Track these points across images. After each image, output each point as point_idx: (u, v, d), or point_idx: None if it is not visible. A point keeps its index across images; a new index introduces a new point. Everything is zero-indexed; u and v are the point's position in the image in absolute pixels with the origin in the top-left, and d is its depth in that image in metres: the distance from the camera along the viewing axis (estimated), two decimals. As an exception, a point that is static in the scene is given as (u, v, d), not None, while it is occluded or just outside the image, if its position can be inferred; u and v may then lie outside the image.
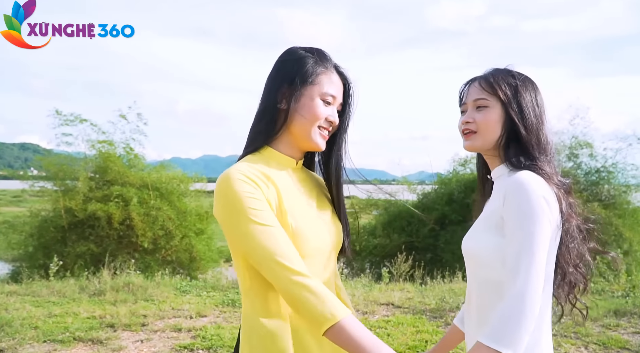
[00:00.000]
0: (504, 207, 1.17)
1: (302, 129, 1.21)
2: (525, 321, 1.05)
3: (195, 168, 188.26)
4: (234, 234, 1.11)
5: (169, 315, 4.94)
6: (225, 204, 1.11)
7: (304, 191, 1.27)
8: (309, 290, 1.04)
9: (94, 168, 9.81)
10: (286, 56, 1.25)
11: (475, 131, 1.29)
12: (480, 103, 1.29)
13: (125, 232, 9.09)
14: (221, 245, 12.95)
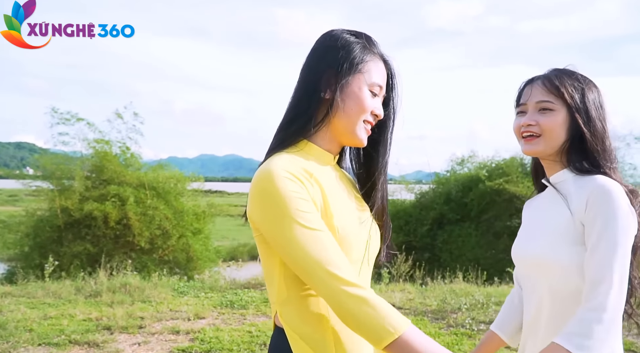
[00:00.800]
0: (587, 213, 1.14)
1: (347, 122, 1.07)
2: (605, 329, 1.05)
3: (192, 168, 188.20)
4: (276, 239, 0.98)
5: (167, 317, 4.86)
6: (266, 205, 0.97)
7: (345, 191, 1.13)
8: (366, 303, 0.93)
9: (90, 168, 9.77)
10: (331, 40, 1.09)
11: (538, 135, 1.24)
12: (544, 106, 1.23)
13: (121, 232, 9.04)
14: (218, 244, 12.88)
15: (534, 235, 1.27)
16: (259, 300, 5.66)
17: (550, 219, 1.24)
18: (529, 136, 1.25)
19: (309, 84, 1.08)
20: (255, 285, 6.49)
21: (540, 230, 1.25)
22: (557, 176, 1.27)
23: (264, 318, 5.01)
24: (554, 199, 1.25)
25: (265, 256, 1.05)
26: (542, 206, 1.31)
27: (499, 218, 11.40)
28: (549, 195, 1.29)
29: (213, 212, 11.10)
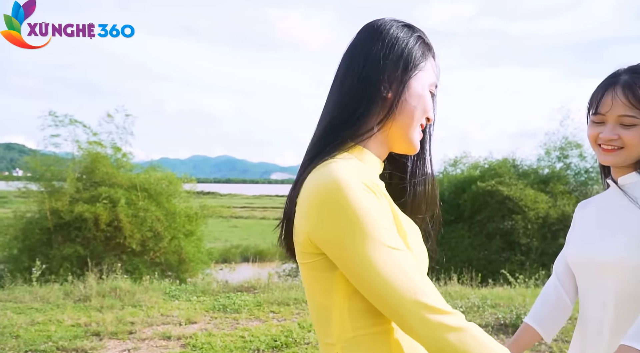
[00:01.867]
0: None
1: (406, 125, 0.92)
2: None
3: (184, 169, 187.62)
4: (350, 262, 0.79)
5: (158, 322, 4.77)
6: (338, 221, 0.79)
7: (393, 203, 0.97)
8: (467, 333, 0.78)
9: (81, 169, 9.64)
10: (389, 33, 0.93)
11: (620, 147, 1.21)
12: (628, 121, 1.20)
13: (112, 234, 8.94)
14: (211, 246, 12.78)
15: (601, 236, 1.24)
16: (252, 303, 5.57)
17: (619, 220, 1.22)
18: (611, 149, 1.23)
19: (368, 80, 0.90)
20: (248, 288, 6.40)
21: (608, 231, 1.23)
22: (625, 178, 1.25)
23: (257, 322, 4.93)
24: (621, 201, 1.24)
25: (320, 288, 0.85)
26: (607, 207, 1.29)
27: (491, 219, 11.40)
28: (613, 196, 1.27)
29: (205, 214, 11.03)
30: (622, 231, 1.19)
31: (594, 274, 1.23)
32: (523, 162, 12.36)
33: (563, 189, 11.41)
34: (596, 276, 1.22)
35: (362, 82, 0.91)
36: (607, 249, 1.20)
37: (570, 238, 1.36)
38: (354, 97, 0.90)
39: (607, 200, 1.30)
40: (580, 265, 1.27)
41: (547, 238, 10.83)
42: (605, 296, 1.21)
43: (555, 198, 11.21)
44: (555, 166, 11.95)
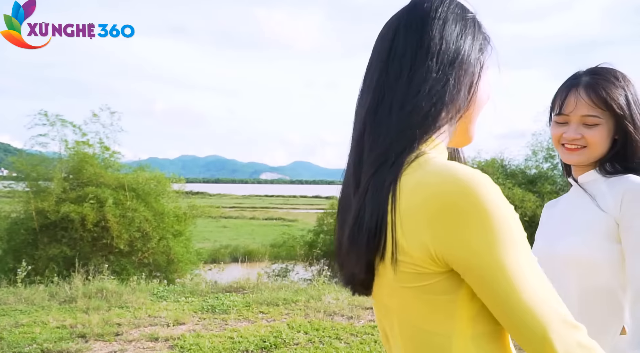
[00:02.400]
0: (622, 213, 1.17)
1: (474, 116, 0.82)
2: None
3: (172, 169, 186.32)
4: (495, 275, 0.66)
5: (145, 323, 4.71)
6: (484, 229, 0.66)
7: None
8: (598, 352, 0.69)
9: (68, 169, 9.53)
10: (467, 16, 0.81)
11: (583, 146, 1.25)
12: (591, 121, 1.23)
13: (99, 234, 8.84)
14: (199, 246, 12.70)
15: (563, 233, 1.27)
16: (241, 304, 5.54)
17: (580, 218, 1.25)
18: (575, 148, 1.26)
19: (461, 69, 0.76)
20: (237, 289, 6.36)
21: (570, 228, 1.26)
22: (585, 176, 1.29)
23: (246, 323, 4.89)
24: (582, 198, 1.27)
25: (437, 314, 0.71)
26: (569, 205, 1.32)
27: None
28: (576, 195, 1.31)
29: (194, 214, 10.98)
30: (582, 228, 1.23)
31: (558, 269, 1.24)
32: (511, 162, 12.47)
33: (550, 189, 11.52)
34: (560, 271, 1.24)
35: (454, 70, 0.76)
36: (568, 245, 1.23)
37: (537, 236, 1.40)
38: (444, 87, 0.75)
39: (570, 198, 1.34)
40: (545, 261, 1.29)
41: (534, 237, 10.94)
42: (569, 293, 1.21)
43: (543, 198, 11.31)
44: (542, 166, 12.06)
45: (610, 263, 1.17)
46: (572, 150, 1.26)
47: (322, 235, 12.00)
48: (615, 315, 1.18)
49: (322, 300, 5.68)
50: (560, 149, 1.29)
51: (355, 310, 5.27)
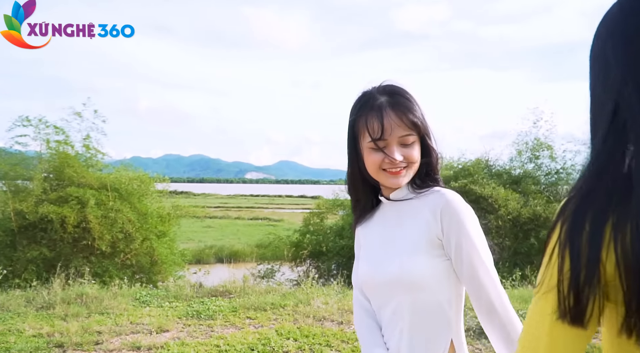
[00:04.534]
0: (447, 230, 1.19)
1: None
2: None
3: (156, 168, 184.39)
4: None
5: (127, 331, 4.51)
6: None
7: None
8: None
9: (49, 169, 9.27)
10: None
11: (405, 167, 1.24)
12: (406, 141, 1.23)
13: (80, 235, 8.61)
14: (184, 246, 12.48)
15: (389, 255, 1.26)
16: (227, 309, 5.36)
17: (403, 237, 1.25)
18: (397, 171, 1.24)
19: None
20: (222, 293, 6.18)
21: (395, 249, 1.25)
22: (397, 193, 1.29)
23: (233, 329, 4.72)
24: (399, 217, 1.28)
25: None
26: (387, 225, 1.31)
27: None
28: (391, 214, 1.31)
29: (178, 214, 10.82)
30: (407, 248, 1.23)
31: (388, 291, 1.24)
32: (496, 163, 12.49)
33: (534, 189, 11.56)
34: (390, 293, 1.24)
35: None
36: (397, 267, 1.22)
37: (360, 259, 1.37)
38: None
39: (385, 217, 1.33)
40: (373, 284, 1.29)
41: (519, 237, 10.95)
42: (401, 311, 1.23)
43: (527, 198, 11.34)
44: (526, 166, 12.10)
45: (438, 279, 1.19)
46: (397, 173, 1.24)
47: (308, 235, 11.86)
48: (444, 329, 1.21)
49: (311, 304, 5.53)
50: (383, 175, 1.25)
51: (345, 315, 5.13)
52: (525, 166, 12.13)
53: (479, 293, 1.17)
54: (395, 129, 1.21)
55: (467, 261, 1.17)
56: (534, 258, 10.66)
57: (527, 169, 12.02)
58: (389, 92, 1.26)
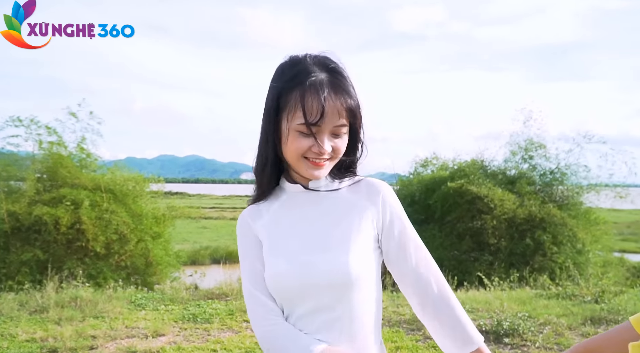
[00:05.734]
0: (384, 217, 1.11)
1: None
2: None
3: (151, 169, 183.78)
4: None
5: (122, 335, 4.44)
6: None
7: None
8: None
9: (42, 169, 9.19)
10: None
11: (329, 158, 1.08)
12: (338, 130, 1.06)
13: (74, 236, 8.52)
14: (179, 248, 12.40)
15: (319, 250, 1.07)
16: (224, 312, 5.29)
17: (334, 230, 1.09)
18: (322, 162, 1.07)
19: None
20: (219, 296, 6.11)
21: (326, 244, 1.07)
22: (316, 182, 1.13)
23: (230, 333, 4.66)
24: (320, 208, 1.12)
25: None
26: (305, 216, 1.12)
27: (461, 219, 11.44)
28: (307, 204, 1.12)
29: (173, 215, 10.76)
30: (345, 240, 1.07)
31: (318, 296, 1.05)
32: (491, 163, 12.50)
33: (529, 190, 11.59)
34: (321, 297, 1.05)
35: None
36: (331, 266, 1.05)
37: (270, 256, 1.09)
38: None
39: (299, 208, 1.12)
40: (299, 288, 1.05)
41: (514, 237, 10.96)
42: (338, 315, 1.06)
43: (522, 199, 11.36)
44: (521, 166, 12.13)
45: (374, 275, 1.10)
46: (319, 165, 1.06)
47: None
48: (377, 330, 1.13)
49: (308, 306, 5.47)
50: (302, 164, 1.06)
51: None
52: (520, 167, 12.15)
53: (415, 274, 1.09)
54: (333, 116, 1.03)
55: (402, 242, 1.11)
56: (529, 258, 10.67)
57: (522, 169, 12.04)
58: (329, 69, 1.06)
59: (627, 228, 24.87)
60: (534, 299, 6.04)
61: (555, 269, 10.17)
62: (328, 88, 1.02)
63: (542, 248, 10.60)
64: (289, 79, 1.04)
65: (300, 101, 1.01)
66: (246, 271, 1.10)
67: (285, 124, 1.05)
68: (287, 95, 1.04)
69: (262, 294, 1.07)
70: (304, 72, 1.04)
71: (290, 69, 1.06)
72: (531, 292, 6.70)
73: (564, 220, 10.73)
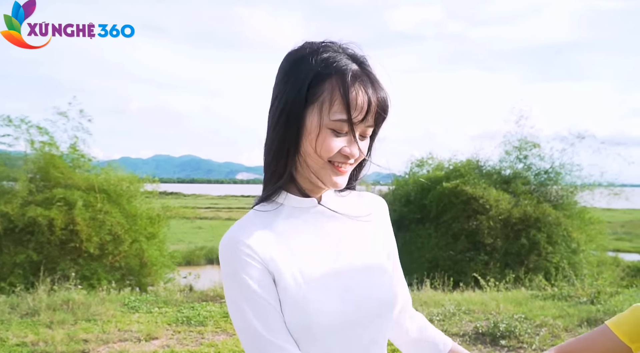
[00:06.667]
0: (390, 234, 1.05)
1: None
2: None
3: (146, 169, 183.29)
4: None
5: (114, 338, 4.38)
6: None
7: None
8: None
9: (35, 169, 9.09)
10: None
11: (351, 165, 0.91)
12: (367, 132, 0.90)
13: (68, 237, 8.45)
14: (174, 248, 12.33)
15: (359, 277, 0.91)
16: (218, 314, 5.24)
17: (362, 251, 0.94)
18: (346, 169, 0.91)
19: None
20: (213, 297, 6.06)
21: (363, 269, 0.92)
22: (326, 195, 0.96)
23: (224, 336, 4.61)
24: (334, 225, 0.94)
25: None
26: (325, 236, 0.92)
27: (457, 219, 11.44)
28: (321, 221, 0.93)
29: (168, 215, 10.69)
30: (375, 266, 0.94)
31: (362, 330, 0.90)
32: (486, 163, 12.51)
33: (524, 190, 11.61)
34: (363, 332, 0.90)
35: None
36: (381, 294, 0.91)
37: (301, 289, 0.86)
38: None
39: (315, 227, 0.94)
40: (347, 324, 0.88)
41: (509, 237, 10.97)
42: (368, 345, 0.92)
43: (518, 198, 11.38)
44: (516, 166, 12.16)
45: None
46: (343, 171, 0.90)
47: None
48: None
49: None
50: (328, 170, 0.88)
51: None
52: (515, 166, 12.17)
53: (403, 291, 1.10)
54: (371, 114, 0.88)
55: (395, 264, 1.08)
56: (524, 258, 10.69)
57: (517, 169, 12.06)
58: (361, 59, 0.89)
59: (621, 228, 24.98)
60: (529, 300, 6.02)
61: (550, 269, 10.18)
62: (370, 80, 0.87)
63: (537, 247, 10.61)
64: (322, 65, 0.85)
65: (341, 91, 0.84)
66: (254, 311, 0.84)
67: (315, 120, 0.85)
68: (320, 84, 0.85)
69: (283, 341, 0.84)
70: (339, 59, 0.86)
71: (318, 54, 0.86)
72: (527, 293, 6.69)
73: (558, 220, 10.75)
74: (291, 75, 0.88)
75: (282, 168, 0.90)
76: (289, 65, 0.89)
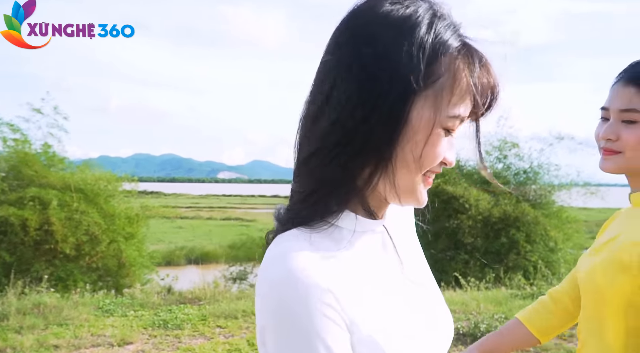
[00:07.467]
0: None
1: None
2: None
3: (125, 168, 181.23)
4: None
5: (86, 344, 4.24)
6: None
7: None
8: None
9: (7, 168, 8.87)
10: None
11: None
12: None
13: (43, 238, 8.25)
14: (153, 248, 12.15)
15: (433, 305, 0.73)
16: (196, 317, 5.13)
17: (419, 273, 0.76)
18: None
19: None
20: (192, 300, 5.94)
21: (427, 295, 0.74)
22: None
23: (202, 339, 4.51)
24: (386, 246, 0.70)
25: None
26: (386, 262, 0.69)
27: (437, 219, 11.51)
28: (376, 244, 0.69)
29: (147, 215, 10.54)
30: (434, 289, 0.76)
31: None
32: (466, 163, 12.63)
33: (503, 190, 11.74)
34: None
35: None
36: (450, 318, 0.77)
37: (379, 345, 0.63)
38: None
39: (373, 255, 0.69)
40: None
41: (489, 236, 11.08)
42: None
43: (497, 198, 11.50)
44: (496, 166, 12.30)
45: None
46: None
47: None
48: None
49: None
50: (422, 183, 0.67)
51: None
52: (494, 166, 12.31)
53: None
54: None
55: None
56: (504, 257, 10.81)
57: (497, 169, 12.20)
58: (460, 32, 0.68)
59: (597, 227, 25.35)
60: (509, 299, 6.05)
61: (529, 267, 10.30)
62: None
63: (516, 246, 10.73)
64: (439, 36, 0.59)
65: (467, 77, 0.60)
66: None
67: (427, 114, 0.60)
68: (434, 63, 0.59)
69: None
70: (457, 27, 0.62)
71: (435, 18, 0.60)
72: (507, 292, 6.72)
73: (537, 219, 10.90)
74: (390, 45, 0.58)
75: (349, 181, 0.62)
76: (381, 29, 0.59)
